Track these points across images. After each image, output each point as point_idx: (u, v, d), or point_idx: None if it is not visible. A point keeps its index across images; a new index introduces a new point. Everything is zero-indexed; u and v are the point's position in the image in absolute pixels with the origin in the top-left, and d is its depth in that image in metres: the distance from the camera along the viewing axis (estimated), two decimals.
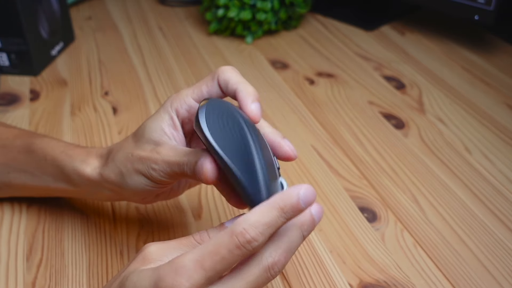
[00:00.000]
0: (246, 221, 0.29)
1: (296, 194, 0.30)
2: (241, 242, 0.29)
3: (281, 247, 0.31)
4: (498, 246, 0.47)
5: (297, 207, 0.30)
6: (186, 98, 0.39)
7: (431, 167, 0.57)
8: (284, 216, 0.30)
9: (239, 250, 0.29)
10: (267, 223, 0.29)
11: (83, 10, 0.96)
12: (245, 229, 0.29)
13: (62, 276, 0.44)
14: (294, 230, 0.32)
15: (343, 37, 0.86)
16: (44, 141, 0.46)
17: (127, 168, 0.39)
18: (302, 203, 0.30)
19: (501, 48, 0.84)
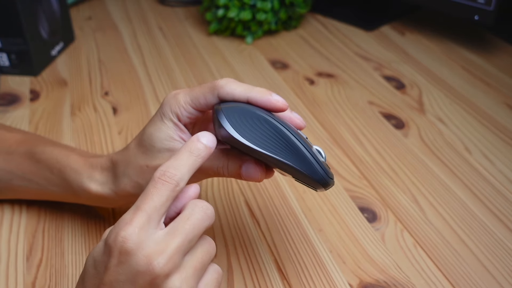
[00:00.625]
0: (164, 165, 0.34)
1: (197, 138, 0.35)
2: (161, 177, 0.33)
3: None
4: (498, 246, 0.47)
5: (202, 147, 0.35)
6: (185, 105, 0.39)
7: (431, 167, 0.57)
8: (193, 155, 0.35)
9: (162, 184, 0.33)
10: (180, 162, 0.34)
11: (83, 10, 0.96)
12: (162, 169, 0.33)
13: (62, 276, 0.44)
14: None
15: (343, 37, 0.86)
16: (47, 150, 0.46)
17: (146, 179, 0.40)
18: (205, 142, 0.35)
19: (501, 48, 0.84)
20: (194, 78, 0.74)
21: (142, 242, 0.31)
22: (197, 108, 0.39)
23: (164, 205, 0.33)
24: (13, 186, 0.47)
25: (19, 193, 0.48)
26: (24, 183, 0.46)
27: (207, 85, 0.39)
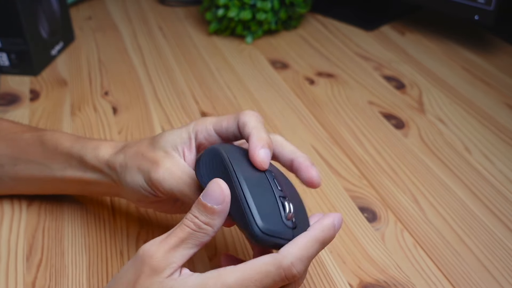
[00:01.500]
0: (293, 255, 0.30)
1: (333, 226, 0.32)
2: (287, 276, 0.30)
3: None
4: (498, 246, 0.47)
5: (333, 237, 0.33)
6: (208, 125, 0.40)
7: (431, 167, 0.57)
8: (323, 247, 0.32)
9: (282, 282, 0.30)
10: (311, 257, 0.31)
11: (83, 10, 0.96)
12: (293, 264, 0.30)
13: (62, 276, 0.44)
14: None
15: (343, 37, 0.86)
16: (56, 133, 0.47)
17: (132, 162, 0.40)
18: (336, 232, 0.33)
19: (501, 48, 0.84)
20: (194, 78, 0.74)
21: None
22: (217, 131, 0.39)
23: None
24: (16, 173, 0.47)
25: (21, 182, 0.48)
26: (28, 168, 0.46)
27: (235, 112, 0.40)
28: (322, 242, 0.32)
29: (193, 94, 0.70)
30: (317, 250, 0.32)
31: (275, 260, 0.30)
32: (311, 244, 0.31)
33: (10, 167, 0.47)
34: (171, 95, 0.69)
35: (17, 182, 0.48)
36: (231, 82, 0.73)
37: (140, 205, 0.43)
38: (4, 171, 0.47)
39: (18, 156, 0.47)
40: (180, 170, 0.38)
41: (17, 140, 0.47)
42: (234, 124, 0.38)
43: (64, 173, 0.45)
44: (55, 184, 0.47)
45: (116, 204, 0.52)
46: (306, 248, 0.31)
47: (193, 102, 0.68)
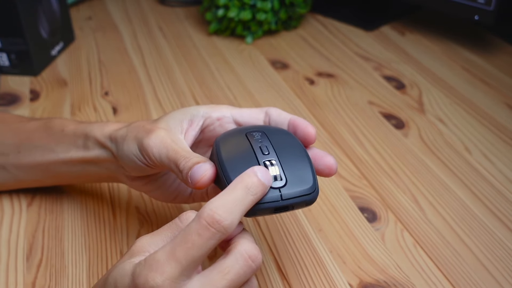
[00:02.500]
0: (213, 202, 0.30)
1: (253, 171, 0.32)
2: (209, 223, 0.29)
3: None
4: (498, 246, 0.47)
5: (259, 182, 0.31)
6: (223, 108, 0.41)
7: (431, 167, 0.57)
8: (250, 193, 0.31)
9: (208, 231, 0.29)
10: (233, 201, 0.30)
11: (83, 10, 0.96)
12: (212, 209, 0.29)
13: (62, 276, 0.44)
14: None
15: (343, 37, 0.86)
16: (62, 119, 0.48)
17: (131, 133, 0.40)
18: (263, 180, 0.32)
19: (501, 48, 0.84)
20: (194, 78, 0.74)
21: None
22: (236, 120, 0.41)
23: (204, 256, 0.30)
24: (20, 160, 0.47)
25: (24, 170, 0.48)
26: (31, 154, 0.47)
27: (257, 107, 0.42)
28: (243, 185, 0.31)
29: (193, 94, 0.70)
30: (240, 193, 0.31)
31: (196, 215, 0.30)
32: (231, 188, 0.31)
33: (14, 155, 0.47)
34: (171, 95, 0.69)
35: (20, 170, 0.48)
36: (231, 82, 0.73)
37: (135, 185, 0.43)
38: (9, 160, 0.48)
39: (22, 143, 0.47)
40: (171, 139, 0.37)
41: (22, 128, 0.48)
42: (260, 115, 0.40)
43: (67, 154, 0.45)
44: (58, 169, 0.47)
45: (116, 204, 0.52)
46: (224, 194, 0.30)
47: (193, 102, 0.68)
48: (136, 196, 0.52)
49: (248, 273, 0.30)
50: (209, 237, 0.29)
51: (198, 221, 0.29)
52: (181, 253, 0.29)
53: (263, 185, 0.32)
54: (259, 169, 0.32)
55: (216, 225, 0.29)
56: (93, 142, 0.44)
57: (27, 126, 0.49)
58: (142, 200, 0.52)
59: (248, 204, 0.31)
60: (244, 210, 0.31)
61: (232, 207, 0.30)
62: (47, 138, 0.47)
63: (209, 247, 0.29)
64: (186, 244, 0.29)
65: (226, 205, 0.30)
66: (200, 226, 0.29)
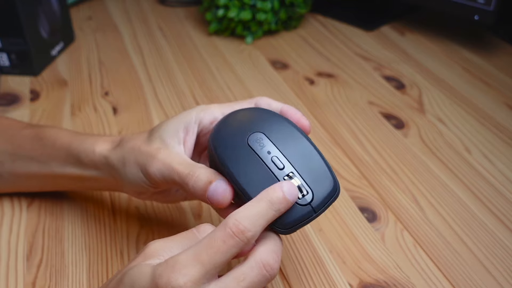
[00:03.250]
0: (238, 213, 0.31)
1: (280, 187, 0.33)
2: (234, 232, 0.31)
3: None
4: (498, 246, 0.47)
5: (284, 199, 0.33)
6: (214, 110, 0.40)
7: (431, 167, 0.57)
8: (273, 208, 0.33)
9: (232, 240, 0.30)
10: (257, 214, 0.32)
11: (83, 10, 0.96)
12: (237, 220, 0.31)
13: (62, 276, 0.44)
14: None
15: (343, 37, 0.86)
16: (54, 130, 0.47)
17: (129, 157, 0.40)
18: (288, 196, 0.33)
19: (501, 48, 0.84)
20: (194, 78, 0.74)
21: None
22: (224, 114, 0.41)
23: (225, 263, 0.31)
24: (15, 170, 0.47)
25: (21, 178, 0.48)
26: (26, 165, 0.46)
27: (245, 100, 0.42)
28: (268, 200, 0.32)
29: (193, 94, 0.70)
30: (264, 207, 0.32)
31: (222, 224, 0.31)
32: (256, 202, 0.32)
33: (9, 164, 0.47)
34: (171, 95, 0.69)
35: (17, 178, 0.48)
36: (231, 82, 0.73)
37: (142, 198, 0.43)
38: (4, 168, 0.47)
39: (16, 152, 0.47)
40: (175, 161, 0.38)
41: (16, 136, 0.48)
42: (250, 104, 0.41)
43: (63, 170, 0.45)
44: (55, 181, 0.47)
45: (116, 204, 0.52)
46: (250, 206, 0.32)
47: (193, 102, 0.68)
48: None
49: (262, 282, 0.31)
50: (233, 245, 0.31)
51: (224, 230, 0.31)
52: (206, 257, 0.30)
53: (287, 201, 0.33)
54: (285, 184, 0.34)
55: (240, 235, 0.31)
56: (87, 165, 0.43)
57: (20, 134, 0.48)
58: (142, 200, 0.52)
59: (270, 218, 0.33)
60: (266, 223, 0.32)
61: (256, 220, 0.32)
62: (40, 151, 0.46)
63: (231, 254, 0.31)
64: (210, 249, 0.30)
65: (250, 217, 0.31)
66: (225, 234, 0.31)
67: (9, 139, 0.48)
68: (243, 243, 0.31)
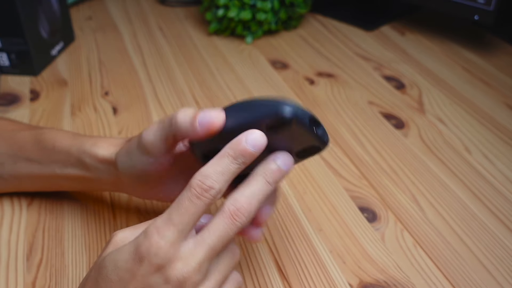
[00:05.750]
0: (200, 173, 0.33)
1: (243, 139, 0.33)
2: (199, 192, 0.32)
3: (243, 194, 0.33)
4: (498, 246, 0.47)
5: (246, 151, 0.33)
6: None
7: (431, 167, 0.57)
8: (236, 162, 0.33)
9: (198, 199, 0.32)
10: (219, 171, 0.33)
11: (83, 10, 0.96)
12: (200, 180, 0.32)
13: (62, 276, 0.44)
14: (255, 176, 0.34)
15: (343, 37, 0.86)
16: (52, 132, 0.47)
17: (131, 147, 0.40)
18: (250, 147, 0.33)
19: (501, 48, 0.84)
20: (194, 78, 0.74)
21: (172, 256, 0.32)
22: None
23: (197, 219, 0.33)
24: (16, 171, 0.47)
25: (23, 180, 0.48)
26: (28, 166, 0.46)
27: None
28: (229, 155, 0.33)
29: (193, 94, 0.70)
30: (226, 163, 0.33)
31: (188, 184, 0.33)
32: (218, 159, 0.33)
33: (10, 165, 0.47)
34: (171, 95, 0.69)
35: (18, 179, 0.48)
36: (231, 82, 0.73)
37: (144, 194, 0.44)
38: (5, 169, 0.48)
39: (16, 154, 0.47)
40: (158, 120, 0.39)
41: (15, 138, 0.48)
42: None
43: (65, 171, 0.45)
44: (57, 181, 0.47)
45: (116, 203, 0.52)
46: (212, 164, 0.33)
47: (193, 102, 0.68)
48: None
49: (233, 229, 0.33)
50: (200, 205, 0.32)
51: (190, 191, 0.32)
52: (177, 218, 0.32)
53: (250, 153, 0.33)
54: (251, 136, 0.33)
55: (205, 194, 0.32)
56: (89, 167, 0.44)
57: (20, 137, 0.48)
58: (142, 200, 0.52)
59: (235, 171, 0.33)
60: (231, 177, 0.33)
61: (219, 176, 0.33)
62: (40, 153, 0.46)
63: (201, 212, 0.33)
64: (179, 210, 0.32)
65: (213, 174, 0.33)
66: (191, 194, 0.32)
67: (8, 141, 0.48)
68: (209, 200, 0.32)
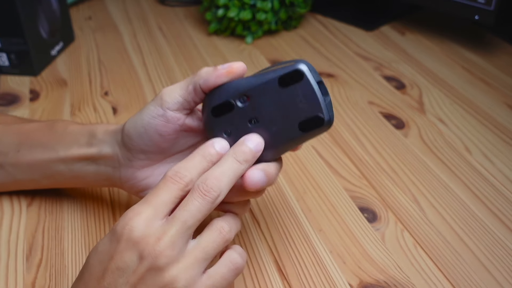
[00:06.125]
0: (176, 165, 0.37)
1: (211, 143, 0.38)
2: (172, 176, 0.36)
3: (213, 172, 0.36)
4: (498, 246, 0.47)
5: (214, 153, 0.38)
6: None
7: (431, 167, 0.57)
8: (205, 160, 0.37)
9: (170, 181, 0.35)
10: (192, 166, 0.36)
11: (83, 10, 0.96)
12: (174, 169, 0.36)
13: (62, 276, 0.44)
14: (226, 156, 0.37)
15: (343, 37, 0.86)
16: (68, 120, 0.49)
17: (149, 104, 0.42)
18: (218, 149, 0.38)
19: (501, 48, 0.84)
20: None
21: (147, 232, 0.33)
22: None
23: (172, 201, 0.35)
24: (18, 159, 0.47)
25: (23, 169, 0.48)
26: (31, 152, 0.47)
27: None
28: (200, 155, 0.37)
29: None
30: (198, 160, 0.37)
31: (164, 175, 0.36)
32: (192, 157, 0.37)
33: (13, 154, 0.47)
34: None
35: (18, 169, 0.48)
36: None
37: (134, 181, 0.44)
38: (7, 159, 0.48)
39: (22, 142, 0.48)
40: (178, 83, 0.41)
41: (23, 128, 0.49)
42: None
43: (67, 152, 0.45)
44: (56, 167, 0.47)
45: (116, 204, 0.52)
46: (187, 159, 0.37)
47: None
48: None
49: (203, 204, 0.35)
50: (173, 186, 0.35)
51: (164, 177, 0.36)
52: (151, 198, 0.35)
53: (218, 154, 0.38)
54: (217, 140, 0.39)
55: (177, 178, 0.36)
56: (98, 138, 0.45)
57: (28, 126, 0.49)
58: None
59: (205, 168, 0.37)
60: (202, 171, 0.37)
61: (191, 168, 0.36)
62: (48, 136, 0.47)
63: (174, 194, 0.35)
64: (155, 192, 0.35)
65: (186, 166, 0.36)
66: (165, 179, 0.36)
67: (15, 131, 0.49)
68: (182, 185, 0.35)
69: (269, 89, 0.37)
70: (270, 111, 0.38)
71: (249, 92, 0.38)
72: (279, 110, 0.37)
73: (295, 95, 0.37)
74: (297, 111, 0.37)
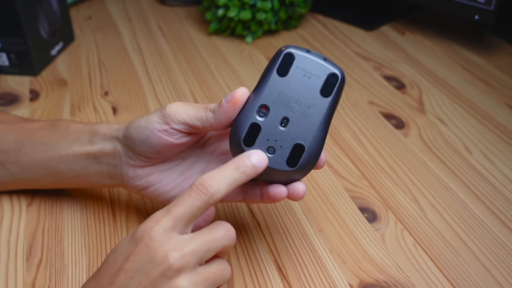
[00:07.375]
0: (205, 175, 0.36)
1: (247, 155, 0.38)
2: (198, 187, 0.35)
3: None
4: (498, 246, 0.47)
5: (250, 165, 0.37)
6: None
7: (431, 167, 0.57)
8: (238, 171, 0.37)
9: (195, 193, 0.35)
10: (223, 175, 0.36)
11: (83, 10, 0.96)
12: (202, 178, 0.36)
13: (62, 276, 0.44)
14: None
15: (343, 37, 0.86)
16: (70, 120, 0.50)
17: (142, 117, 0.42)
18: (255, 162, 0.37)
19: (501, 48, 0.84)
20: (194, 78, 0.74)
21: (163, 241, 0.34)
22: None
23: (193, 215, 0.35)
24: (20, 157, 0.47)
25: (24, 168, 0.48)
26: (32, 150, 0.47)
27: None
28: (235, 165, 0.37)
29: (193, 94, 0.70)
30: (231, 171, 0.37)
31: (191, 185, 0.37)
32: (224, 166, 0.37)
33: (15, 152, 0.48)
34: (171, 95, 0.69)
35: (19, 167, 0.48)
36: (231, 82, 0.73)
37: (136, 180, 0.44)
38: (8, 157, 0.48)
39: (23, 140, 0.48)
40: (190, 105, 0.41)
41: (25, 126, 0.49)
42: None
43: (69, 150, 0.46)
44: (57, 166, 0.47)
45: (116, 203, 0.52)
46: (217, 170, 0.37)
47: (193, 101, 0.68)
48: (136, 196, 0.52)
49: (225, 238, 0.36)
50: (196, 198, 0.35)
51: (191, 187, 0.36)
52: (173, 209, 0.35)
53: (253, 167, 0.37)
54: (256, 154, 0.38)
55: (203, 189, 0.35)
56: (100, 136, 0.45)
57: (30, 125, 0.49)
58: (142, 200, 0.52)
59: (237, 179, 0.37)
60: (232, 183, 0.36)
61: (220, 180, 0.36)
62: (50, 135, 0.47)
63: (197, 206, 0.35)
64: (178, 203, 0.35)
65: (215, 177, 0.36)
66: (191, 189, 0.36)
67: (17, 130, 0.49)
68: (206, 197, 0.35)
69: (275, 86, 0.38)
70: (290, 102, 0.39)
71: (262, 102, 0.39)
72: (296, 95, 0.38)
73: (299, 74, 0.38)
74: (310, 85, 0.38)
